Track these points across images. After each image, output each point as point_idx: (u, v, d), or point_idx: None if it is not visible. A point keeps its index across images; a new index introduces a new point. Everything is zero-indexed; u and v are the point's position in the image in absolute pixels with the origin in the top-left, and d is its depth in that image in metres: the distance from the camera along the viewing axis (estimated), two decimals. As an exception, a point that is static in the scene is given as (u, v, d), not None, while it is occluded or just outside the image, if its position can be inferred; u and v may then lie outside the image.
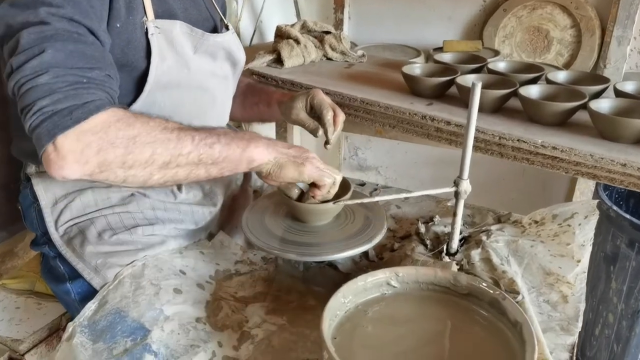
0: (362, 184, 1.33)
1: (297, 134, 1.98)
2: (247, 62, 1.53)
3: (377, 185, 1.33)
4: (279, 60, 1.53)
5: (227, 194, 1.14)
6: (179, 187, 1.03)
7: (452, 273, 0.86)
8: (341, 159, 2.49)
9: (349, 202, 0.97)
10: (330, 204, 0.95)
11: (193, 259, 0.98)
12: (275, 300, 0.96)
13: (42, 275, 1.00)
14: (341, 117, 1.05)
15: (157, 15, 0.92)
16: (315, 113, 1.06)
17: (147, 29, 0.90)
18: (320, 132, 1.04)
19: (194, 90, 1.00)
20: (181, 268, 0.95)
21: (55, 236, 0.94)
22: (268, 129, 1.92)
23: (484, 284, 0.83)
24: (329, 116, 1.03)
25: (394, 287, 0.87)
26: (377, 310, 0.84)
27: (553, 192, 2.09)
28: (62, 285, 0.94)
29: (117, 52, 0.87)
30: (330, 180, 0.91)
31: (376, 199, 0.99)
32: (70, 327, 0.82)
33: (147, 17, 0.90)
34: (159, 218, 0.99)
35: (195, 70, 0.98)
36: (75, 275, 0.92)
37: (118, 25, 0.86)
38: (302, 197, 0.96)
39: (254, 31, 1.99)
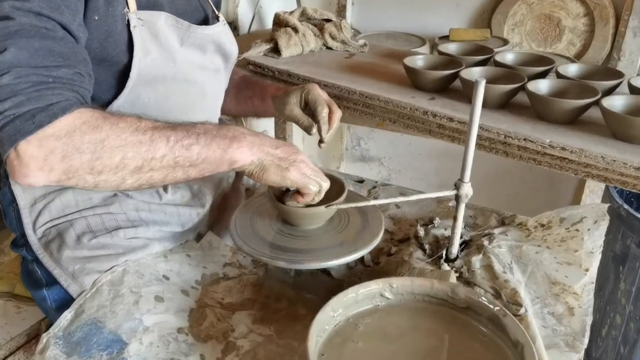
0: (361, 181, 1.27)
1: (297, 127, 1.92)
2: (244, 51, 1.48)
3: (377, 182, 1.27)
4: (276, 50, 1.47)
5: (218, 192, 1.08)
6: (165, 188, 0.98)
7: (449, 285, 0.81)
8: (343, 149, 2.43)
9: (343, 206, 0.91)
10: (322, 207, 0.90)
11: (178, 262, 0.94)
12: (264, 308, 0.91)
13: (21, 278, 0.96)
14: (337, 114, 0.99)
15: (140, 6, 0.86)
16: (310, 109, 1.00)
17: (128, 21, 0.84)
18: (315, 129, 0.98)
19: (181, 83, 0.94)
20: (165, 273, 0.90)
21: (32, 239, 0.89)
22: (267, 121, 1.87)
23: (483, 298, 0.78)
24: (323, 113, 0.97)
25: (388, 298, 0.82)
26: (369, 323, 0.79)
27: (561, 187, 2.03)
28: (39, 291, 0.89)
29: (95, 45, 0.81)
30: (315, 189, 0.85)
31: (371, 202, 0.93)
32: (44, 338, 0.77)
33: (129, 8, 0.84)
34: (142, 220, 0.94)
35: (181, 64, 0.93)
36: (52, 281, 0.87)
37: (96, 17, 0.80)
38: (287, 192, 0.91)
39: (253, 17, 1.92)
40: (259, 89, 1.16)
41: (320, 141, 0.98)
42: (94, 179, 0.70)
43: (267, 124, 1.92)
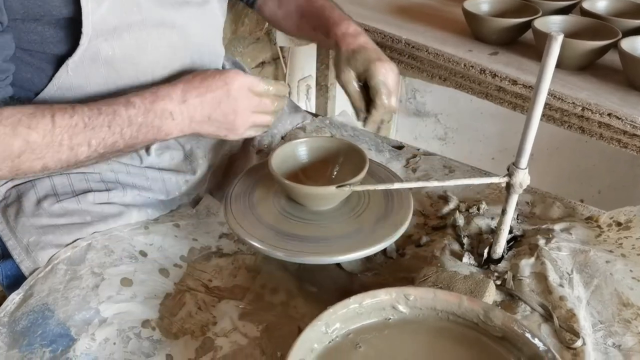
0: (399, 147, 1.07)
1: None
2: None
3: (418, 150, 1.06)
4: (316, -16, 1.25)
5: (222, 153, 0.92)
6: (147, 148, 0.82)
7: (483, 306, 0.62)
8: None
9: (358, 189, 0.73)
10: (332, 188, 0.72)
11: (161, 235, 0.79)
12: (256, 300, 0.76)
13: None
14: (388, 104, 0.83)
15: None
16: (369, 94, 0.83)
17: None
18: (362, 117, 0.85)
19: (154, 30, 0.76)
20: (142, 248, 0.76)
21: None
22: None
23: (526, 331, 0.59)
24: (380, 109, 0.82)
25: (402, 312, 0.65)
26: (374, 342, 0.62)
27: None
28: None
29: (16, 7, 0.66)
30: (267, 123, 0.80)
31: (395, 185, 0.74)
32: (-13, 323, 0.66)
33: None
34: (120, 182, 0.79)
35: (149, 7, 0.74)
36: (7, 253, 0.75)
37: None
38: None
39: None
40: (324, 21, 0.94)
41: (364, 122, 0.85)
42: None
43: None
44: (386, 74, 0.81)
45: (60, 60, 0.71)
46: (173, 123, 0.71)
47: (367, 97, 0.84)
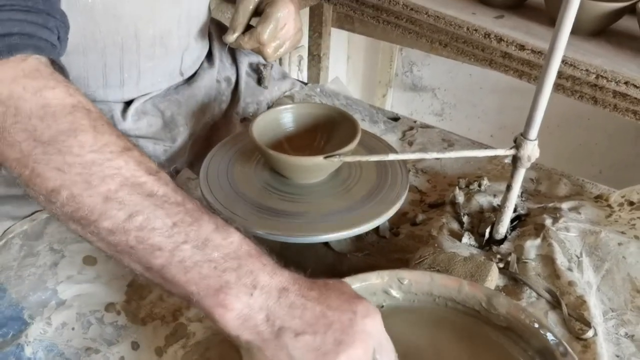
0: (395, 119, 1.00)
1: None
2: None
3: (415, 122, 0.99)
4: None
5: (203, 121, 0.85)
6: (124, 111, 0.74)
7: (485, 292, 0.56)
8: (392, 74, 2.12)
9: (348, 159, 0.65)
10: (320, 158, 0.65)
11: (134, 209, 0.72)
12: (235, 282, 0.69)
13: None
14: (268, 50, 0.79)
15: None
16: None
17: None
18: (233, 36, 0.79)
19: None
20: (110, 223, 0.69)
21: None
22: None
23: (534, 321, 0.52)
24: (263, 30, 0.76)
25: (395, 297, 0.58)
26: (364, 330, 0.56)
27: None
28: None
29: None
30: None
31: (391, 157, 0.67)
32: None
33: None
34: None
35: None
36: None
37: None
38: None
39: None
40: None
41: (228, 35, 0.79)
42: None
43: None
44: (288, 17, 0.77)
45: None
46: (241, 299, 0.43)
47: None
